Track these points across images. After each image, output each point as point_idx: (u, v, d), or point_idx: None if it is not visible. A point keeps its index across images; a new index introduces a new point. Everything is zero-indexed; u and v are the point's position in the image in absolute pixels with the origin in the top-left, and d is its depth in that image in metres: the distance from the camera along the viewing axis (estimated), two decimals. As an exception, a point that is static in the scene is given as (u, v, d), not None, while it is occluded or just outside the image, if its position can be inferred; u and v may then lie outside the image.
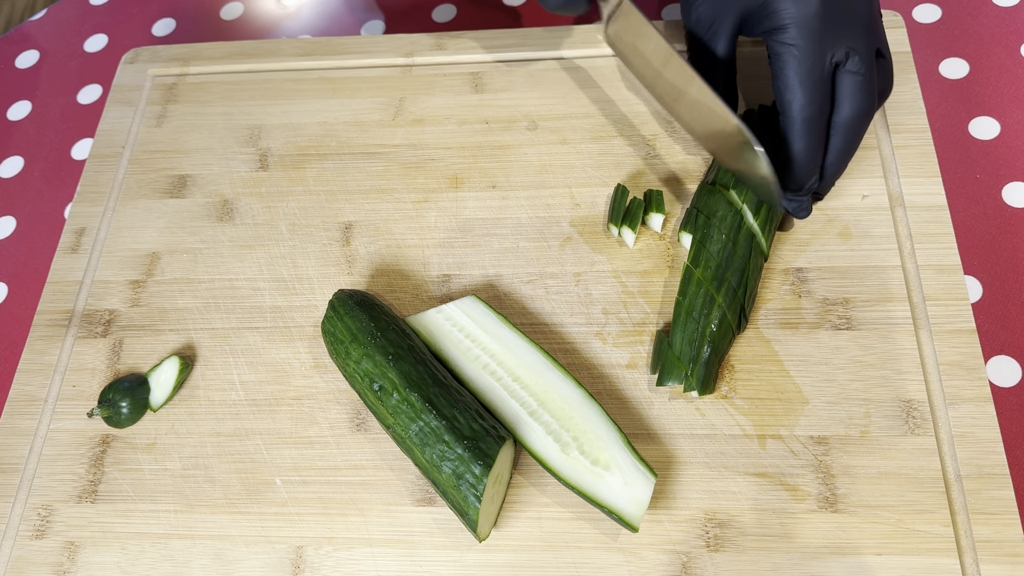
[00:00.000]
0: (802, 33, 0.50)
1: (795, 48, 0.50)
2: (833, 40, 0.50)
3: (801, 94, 0.50)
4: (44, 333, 0.60)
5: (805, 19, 0.50)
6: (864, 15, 0.51)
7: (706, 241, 0.54)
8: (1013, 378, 0.54)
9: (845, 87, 0.51)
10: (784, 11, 0.51)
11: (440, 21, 0.76)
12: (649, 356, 0.54)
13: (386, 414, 0.50)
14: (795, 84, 0.51)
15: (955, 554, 0.46)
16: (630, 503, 0.47)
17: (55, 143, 0.73)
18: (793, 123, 0.51)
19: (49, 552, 0.52)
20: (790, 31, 0.51)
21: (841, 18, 0.51)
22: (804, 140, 0.51)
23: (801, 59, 0.50)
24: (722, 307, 0.52)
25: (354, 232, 0.61)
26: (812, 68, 0.50)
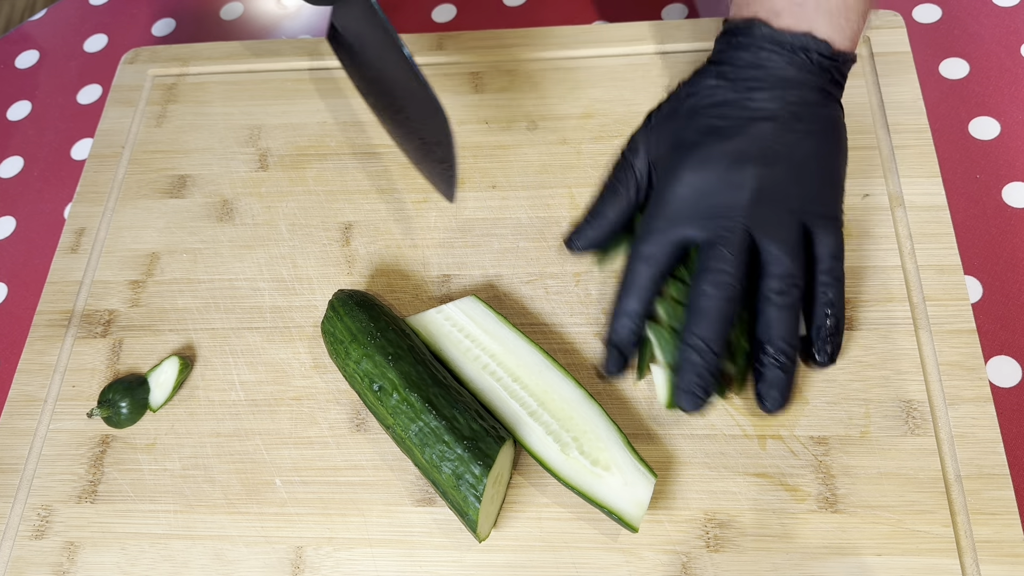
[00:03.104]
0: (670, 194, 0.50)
1: (660, 203, 0.50)
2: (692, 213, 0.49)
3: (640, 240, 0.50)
4: (44, 333, 0.60)
5: (677, 182, 0.50)
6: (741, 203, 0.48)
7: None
8: (1013, 378, 0.54)
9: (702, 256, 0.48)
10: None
11: (440, 21, 0.76)
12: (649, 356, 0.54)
13: (386, 414, 0.50)
14: (643, 229, 0.50)
15: (955, 554, 0.46)
16: (630, 503, 0.47)
17: (55, 143, 0.73)
18: (626, 266, 0.50)
19: (49, 552, 0.52)
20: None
21: (710, 198, 0.49)
22: (625, 283, 0.50)
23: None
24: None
25: (354, 232, 0.61)
26: (664, 223, 0.50)
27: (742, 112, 0.50)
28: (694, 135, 0.51)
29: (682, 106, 0.53)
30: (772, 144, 0.49)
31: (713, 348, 0.47)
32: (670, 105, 0.54)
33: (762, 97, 0.50)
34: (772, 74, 0.50)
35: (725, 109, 0.51)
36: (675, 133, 0.52)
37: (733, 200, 0.48)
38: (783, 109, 0.50)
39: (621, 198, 0.53)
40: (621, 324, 0.49)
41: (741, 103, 0.50)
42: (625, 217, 0.53)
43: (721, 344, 0.47)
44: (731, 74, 0.52)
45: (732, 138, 0.50)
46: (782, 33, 0.50)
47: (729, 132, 0.50)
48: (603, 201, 0.54)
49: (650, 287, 0.49)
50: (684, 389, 0.47)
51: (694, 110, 0.52)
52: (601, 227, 0.53)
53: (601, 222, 0.53)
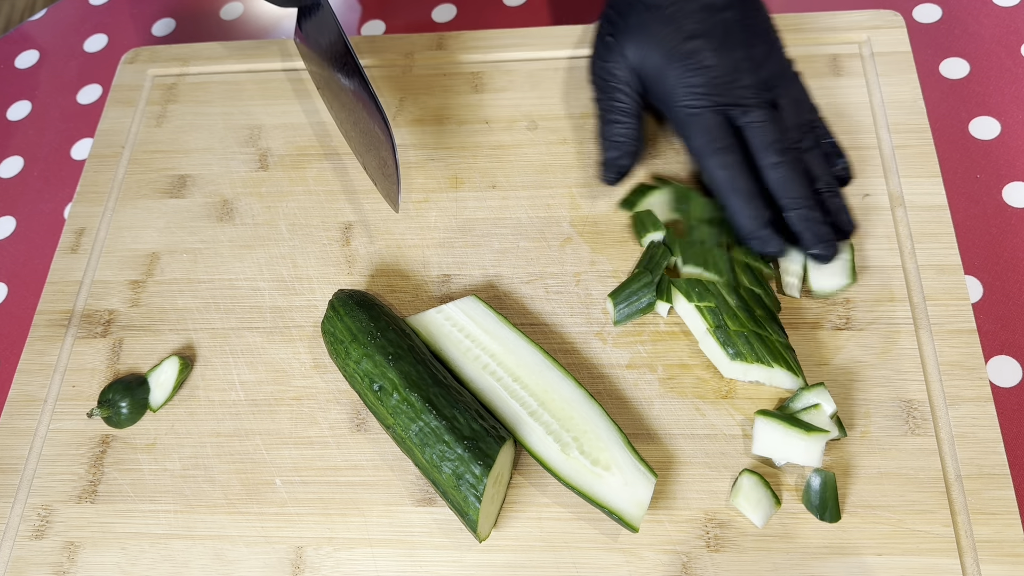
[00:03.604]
0: (691, 97, 0.54)
1: (691, 110, 0.54)
2: (721, 95, 0.54)
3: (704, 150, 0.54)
4: (44, 333, 0.60)
5: (691, 86, 0.54)
6: (754, 76, 0.54)
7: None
8: (1013, 378, 0.54)
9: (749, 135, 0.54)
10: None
11: (440, 21, 0.76)
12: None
13: (386, 414, 0.50)
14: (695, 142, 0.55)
15: (955, 554, 0.46)
16: (630, 503, 0.47)
17: (55, 143, 0.73)
18: (711, 179, 0.54)
19: (49, 552, 0.52)
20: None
21: (726, 81, 0.54)
22: (724, 190, 0.54)
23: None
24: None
25: (354, 232, 0.61)
26: (708, 120, 0.54)
27: (708, 11, 0.54)
28: (682, 44, 0.54)
29: (648, 16, 0.55)
30: (742, 29, 0.54)
31: (813, 199, 0.52)
32: (634, 16, 0.56)
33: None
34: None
35: (693, 13, 0.54)
36: (658, 45, 0.55)
37: (744, 81, 0.54)
38: (732, 4, 0.55)
39: (628, 115, 0.57)
40: (747, 214, 0.53)
41: (700, 2, 0.54)
42: (640, 130, 0.58)
43: (810, 190, 0.53)
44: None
45: (715, 35, 0.54)
46: None
47: (709, 31, 0.54)
48: (614, 125, 0.57)
49: (747, 171, 0.53)
50: (818, 240, 0.52)
51: (665, 20, 0.55)
52: (629, 149, 0.57)
53: (627, 144, 0.57)
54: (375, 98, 0.52)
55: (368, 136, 0.56)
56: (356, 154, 0.60)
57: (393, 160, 0.52)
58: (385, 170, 0.54)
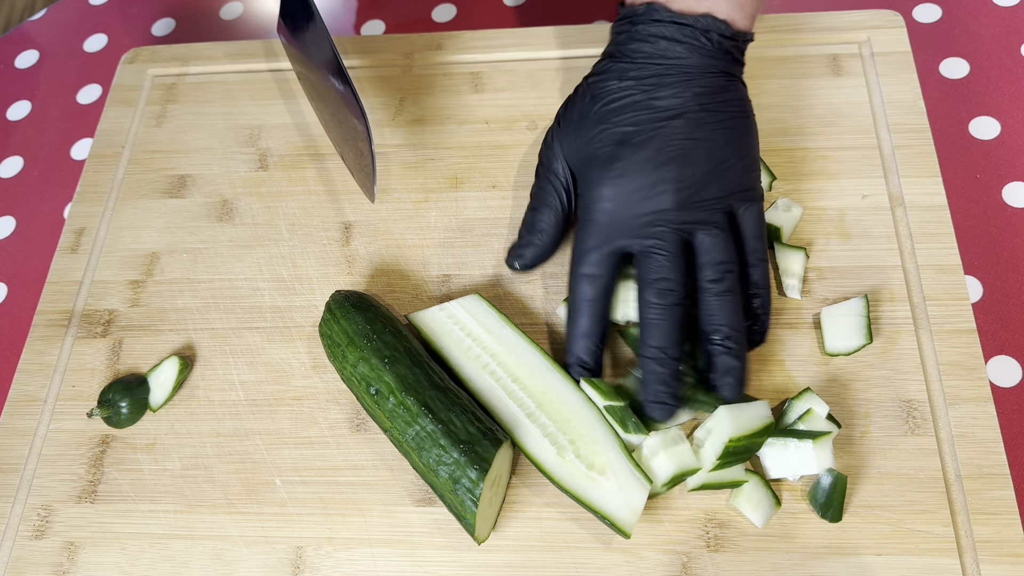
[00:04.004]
0: (596, 210, 0.51)
1: (587, 222, 0.51)
2: (620, 227, 0.50)
3: (576, 263, 0.51)
4: (44, 333, 0.60)
5: (600, 199, 0.51)
6: (666, 205, 0.49)
7: None
8: (1013, 378, 0.54)
9: (639, 266, 0.50)
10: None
11: (440, 21, 0.75)
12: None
13: (383, 417, 0.50)
14: (575, 253, 0.51)
15: (955, 554, 0.46)
16: (624, 508, 0.47)
17: (55, 143, 0.73)
18: (569, 293, 0.52)
19: (49, 552, 0.52)
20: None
21: (635, 206, 0.49)
22: (571, 311, 0.51)
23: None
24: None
25: (354, 232, 0.61)
26: (594, 242, 0.50)
27: (651, 114, 0.50)
28: (608, 147, 0.51)
29: (589, 112, 0.52)
30: (685, 142, 0.49)
31: (670, 354, 0.48)
32: (577, 109, 0.53)
33: (668, 94, 0.50)
34: (675, 66, 0.50)
35: (633, 113, 0.50)
36: (588, 144, 0.52)
37: (658, 206, 0.49)
38: (691, 103, 0.50)
39: (551, 208, 0.54)
40: (578, 346, 0.51)
41: (648, 104, 0.50)
42: (560, 225, 0.55)
43: (678, 349, 0.48)
44: (634, 72, 0.51)
45: (646, 145, 0.50)
46: (682, 16, 0.50)
47: (641, 138, 0.50)
48: (534, 214, 0.55)
49: (599, 303, 0.50)
50: (652, 400, 0.48)
51: (602, 117, 0.51)
52: (539, 242, 0.55)
53: (538, 236, 0.55)
54: (353, 89, 0.52)
55: (345, 127, 0.56)
56: (335, 145, 0.60)
57: (369, 151, 0.51)
58: (361, 161, 0.54)
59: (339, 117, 0.56)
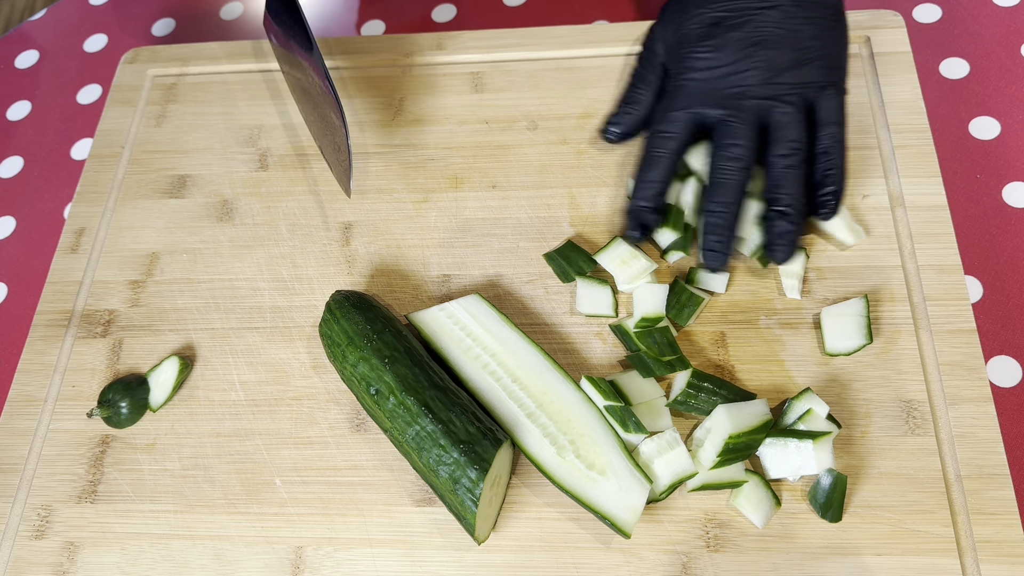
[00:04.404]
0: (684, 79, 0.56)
1: (676, 88, 0.56)
2: (703, 95, 0.55)
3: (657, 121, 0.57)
4: (44, 333, 0.60)
5: (690, 69, 0.56)
6: (749, 83, 0.54)
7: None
8: (1013, 378, 0.54)
9: (716, 132, 0.54)
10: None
11: (440, 21, 0.75)
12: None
13: (383, 418, 0.50)
14: (658, 113, 0.57)
15: (955, 554, 0.46)
16: (624, 509, 0.47)
17: (55, 143, 0.73)
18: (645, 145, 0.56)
19: (49, 552, 0.52)
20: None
21: (719, 81, 0.54)
22: (644, 158, 0.56)
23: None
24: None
25: (354, 232, 0.61)
26: (677, 105, 0.55)
27: (747, 2, 0.55)
28: (703, 27, 0.56)
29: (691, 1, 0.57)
30: (776, 29, 0.54)
31: (731, 210, 0.52)
32: (679, 1, 0.59)
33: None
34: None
35: (731, 1, 0.55)
36: (685, 24, 0.57)
37: (741, 81, 0.54)
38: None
39: (648, 84, 0.59)
40: (644, 191, 0.55)
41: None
42: (654, 101, 0.59)
43: (738, 207, 0.52)
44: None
45: (738, 27, 0.54)
46: None
47: (734, 21, 0.55)
48: (632, 89, 0.60)
49: (670, 159, 0.54)
50: (708, 248, 0.52)
51: (702, 3, 0.56)
52: (635, 112, 0.59)
53: (634, 107, 0.59)
54: (331, 83, 0.53)
55: (325, 122, 0.56)
56: (315, 139, 0.61)
57: (347, 146, 0.53)
58: (339, 156, 0.55)
59: (319, 112, 0.57)
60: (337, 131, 0.53)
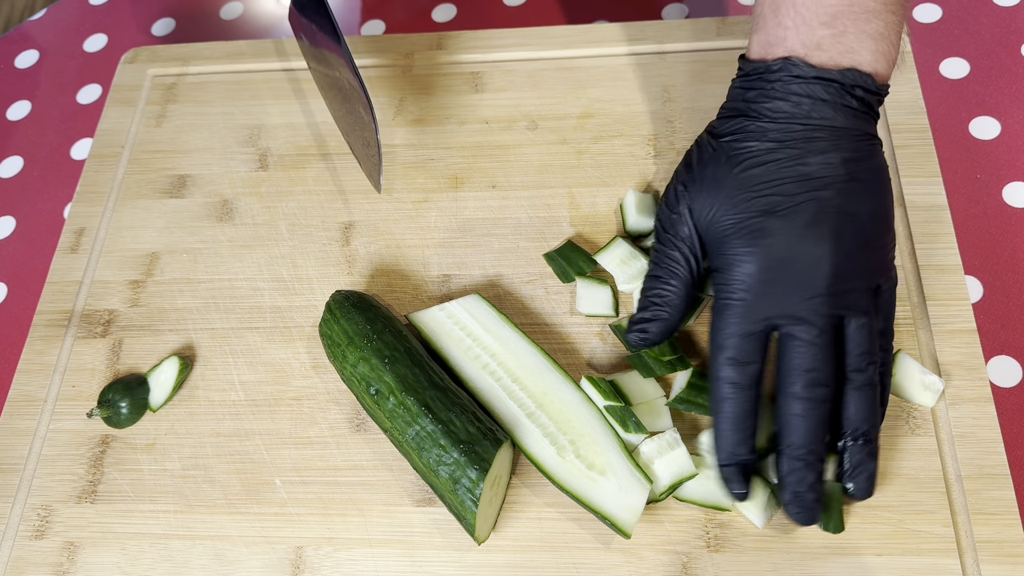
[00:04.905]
0: (742, 287, 0.46)
1: (732, 300, 0.46)
2: (770, 305, 0.45)
3: (721, 348, 0.46)
4: (44, 333, 0.60)
5: (746, 275, 0.46)
6: (820, 286, 0.45)
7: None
8: (1014, 378, 0.54)
9: (784, 351, 0.45)
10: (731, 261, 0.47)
11: (440, 21, 0.75)
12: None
13: (383, 418, 0.50)
14: (718, 335, 0.46)
15: (955, 554, 0.46)
16: (624, 509, 0.47)
17: (55, 143, 0.73)
18: (710, 379, 0.47)
19: (48, 552, 0.52)
20: (733, 283, 0.46)
21: (785, 284, 0.45)
22: (716, 400, 0.46)
23: (737, 312, 0.46)
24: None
25: (354, 232, 0.61)
26: (742, 324, 0.46)
27: (801, 182, 0.46)
28: (754, 217, 0.46)
29: (727, 175, 0.47)
30: (836, 215, 0.45)
31: (816, 455, 0.44)
32: (710, 171, 0.48)
33: (817, 161, 0.46)
34: (822, 127, 0.46)
35: (780, 181, 0.46)
36: (728, 212, 0.47)
37: (812, 284, 0.45)
38: (840, 169, 0.45)
39: (679, 278, 0.49)
40: (731, 439, 0.46)
41: (795, 169, 0.46)
42: (687, 297, 0.50)
43: (823, 448, 0.45)
44: (774, 133, 0.46)
45: (796, 216, 0.45)
46: (826, 71, 0.45)
47: (791, 208, 0.45)
48: (659, 283, 0.50)
49: (751, 391, 0.46)
50: (797, 502, 0.45)
51: (743, 183, 0.47)
52: (666, 315, 0.49)
53: (665, 309, 0.49)
54: (360, 80, 0.52)
55: (353, 117, 0.56)
56: (343, 135, 0.61)
57: (376, 140, 0.51)
58: (368, 151, 0.54)
59: (347, 107, 0.56)
60: (367, 126, 0.53)
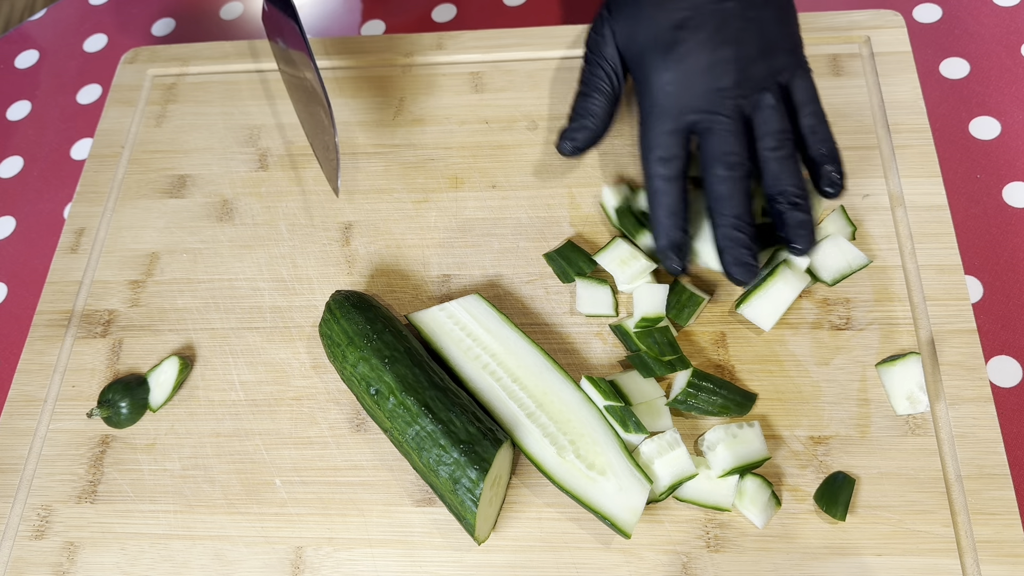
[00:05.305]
0: (661, 93, 0.53)
1: (654, 106, 0.53)
2: (686, 104, 0.52)
3: (650, 148, 0.53)
4: (43, 333, 0.60)
5: (664, 83, 0.53)
6: (727, 82, 0.52)
7: None
8: (1013, 378, 0.54)
9: (704, 143, 0.52)
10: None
11: (440, 21, 0.75)
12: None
13: (383, 418, 0.50)
14: (646, 138, 0.53)
15: (955, 554, 0.46)
16: (624, 509, 0.47)
17: (55, 143, 0.73)
18: (645, 178, 0.53)
19: (48, 552, 0.52)
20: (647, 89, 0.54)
21: (697, 86, 0.52)
22: (651, 194, 0.52)
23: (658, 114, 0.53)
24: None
25: (354, 232, 0.61)
26: (664, 123, 0.52)
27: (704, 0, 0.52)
28: (667, 31, 0.52)
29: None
30: (739, 22, 0.52)
31: (745, 220, 0.50)
32: (628, 4, 0.55)
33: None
34: None
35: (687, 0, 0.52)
36: (645, 29, 0.54)
37: (719, 84, 0.51)
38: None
39: (603, 93, 0.56)
40: (669, 224, 0.51)
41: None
42: (611, 110, 0.56)
43: (751, 215, 0.51)
44: None
45: (703, 27, 0.52)
46: None
47: (699, 21, 0.52)
48: (586, 100, 0.56)
49: (679, 182, 0.52)
50: (736, 262, 0.50)
51: (657, 1, 0.53)
52: (591, 125, 0.56)
53: (590, 119, 0.56)
54: (322, 82, 0.53)
55: (315, 120, 0.57)
56: (308, 138, 0.61)
57: (335, 144, 0.53)
58: (328, 154, 0.55)
59: (311, 109, 0.57)
60: (326, 130, 0.54)
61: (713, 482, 0.48)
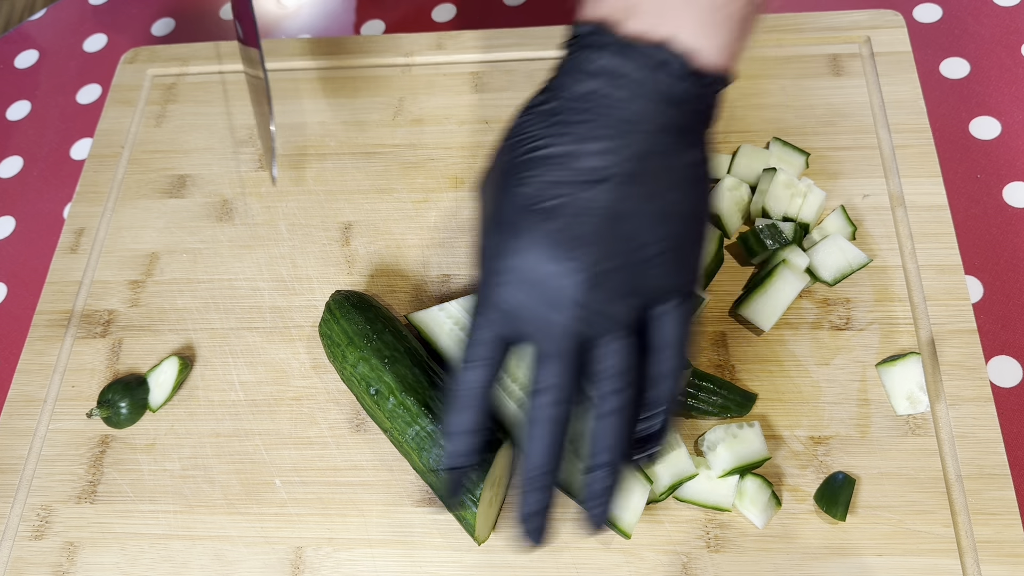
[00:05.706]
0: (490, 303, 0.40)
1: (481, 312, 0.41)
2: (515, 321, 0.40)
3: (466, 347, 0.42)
4: (43, 333, 0.59)
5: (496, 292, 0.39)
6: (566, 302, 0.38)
7: None
8: (1014, 378, 0.54)
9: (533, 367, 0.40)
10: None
11: (440, 21, 0.75)
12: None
13: (383, 418, 0.50)
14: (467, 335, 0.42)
15: (956, 554, 0.46)
16: (624, 509, 0.47)
17: (54, 143, 0.73)
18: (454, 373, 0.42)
19: (48, 552, 0.52)
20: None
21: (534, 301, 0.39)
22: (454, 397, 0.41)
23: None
24: None
25: (354, 232, 0.61)
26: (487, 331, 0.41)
27: (571, 174, 0.39)
28: (513, 210, 0.39)
29: (508, 158, 0.41)
30: (604, 216, 0.38)
31: (547, 472, 0.39)
32: (498, 155, 0.43)
33: (594, 151, 0.38)
34: (612, 114, 0.39)
35: (547, 170, 0.39)
36: (496, 199, 0.41)
37: (559, 296, 0.38)
38: (622, 166, 0.38)
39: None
40: (455, 440, 0.41)
41: (570, 160, 0.39)
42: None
43: (557, 467, 0.40)
44: (563, 114, 0.40)
45: (555, 215, 0.38)
46: (632, 45, 0.38)
47: (551, 204, 0.39)
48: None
49: (482, 396, 0.41)
50: (523, 523, 0.40)
51: (516, 168, 0.40)
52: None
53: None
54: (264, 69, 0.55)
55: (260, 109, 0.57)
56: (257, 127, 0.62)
57: (270, 132, 0.54)
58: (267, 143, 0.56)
59: (257, 97, 0.58)
60: (265, 116, 0.55)
61: (713, 482, 0.48)
